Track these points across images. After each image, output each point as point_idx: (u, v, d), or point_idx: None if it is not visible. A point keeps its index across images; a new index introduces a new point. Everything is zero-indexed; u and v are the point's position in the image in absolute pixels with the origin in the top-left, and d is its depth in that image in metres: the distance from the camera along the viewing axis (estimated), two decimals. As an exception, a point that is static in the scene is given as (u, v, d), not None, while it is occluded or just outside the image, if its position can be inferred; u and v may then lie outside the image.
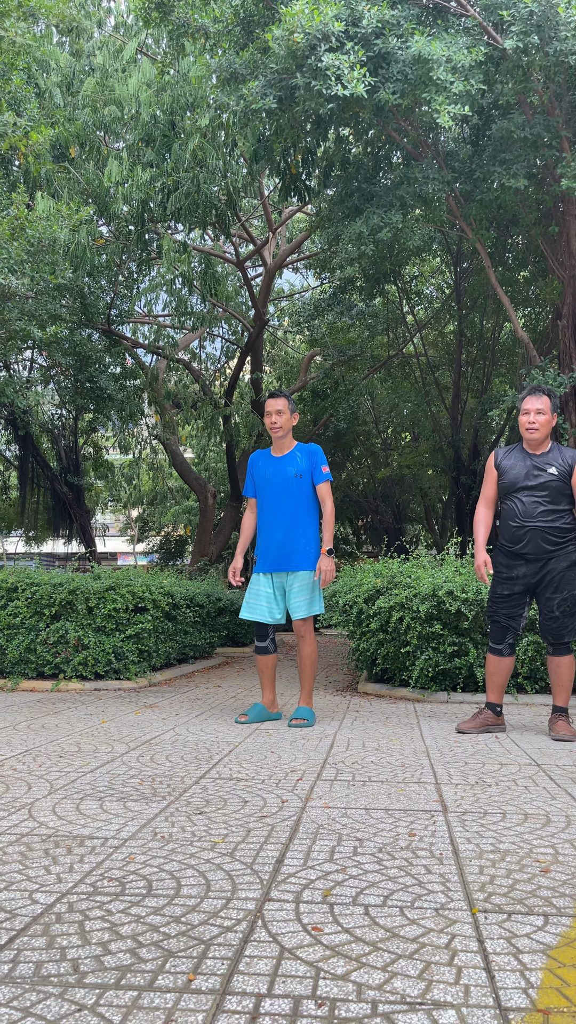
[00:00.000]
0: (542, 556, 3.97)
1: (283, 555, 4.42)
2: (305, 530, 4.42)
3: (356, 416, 14.28)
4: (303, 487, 4.44)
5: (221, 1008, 1.35)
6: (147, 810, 2.54)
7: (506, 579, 4.06)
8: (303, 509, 4.43)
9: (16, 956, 1.53)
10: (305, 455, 4.48)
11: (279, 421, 4.44)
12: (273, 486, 4.47)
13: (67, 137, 8.99)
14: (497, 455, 4.14)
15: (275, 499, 4.46)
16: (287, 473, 4.44)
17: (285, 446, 4.53)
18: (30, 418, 13.25)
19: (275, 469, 4.48)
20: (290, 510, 4.42)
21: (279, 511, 4.44)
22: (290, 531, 4.41)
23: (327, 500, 4.45)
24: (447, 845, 2.22)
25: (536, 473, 3.97)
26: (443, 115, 5.49)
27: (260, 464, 4.56)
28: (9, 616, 5.90)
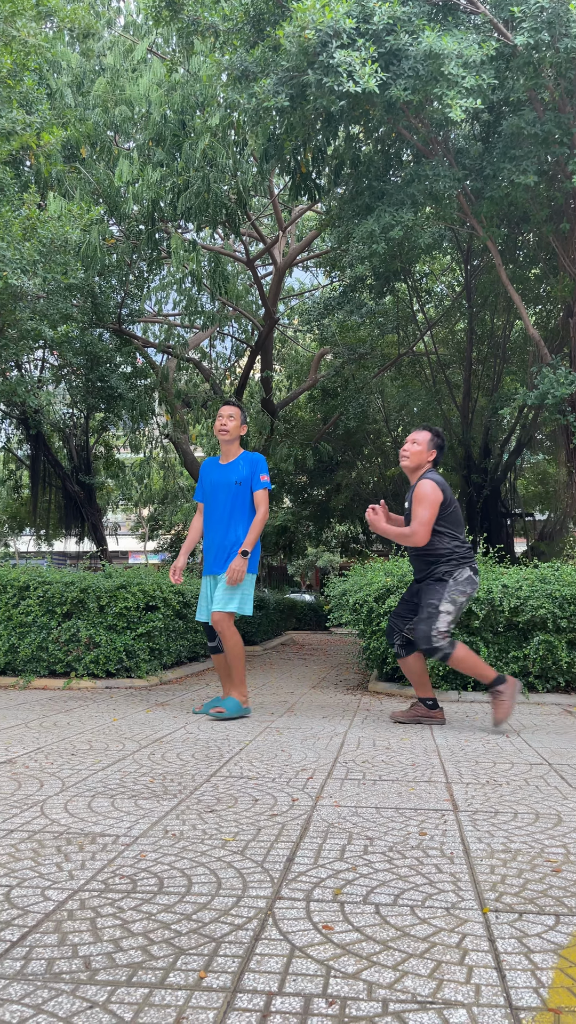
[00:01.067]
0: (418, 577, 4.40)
1: (218, 558, 4.60)
2: (238, 535, 4.58)
3: (366, 414, 14.26)
4: (241, 494, 4.61)
5: (232, 1006, 1.35)
6: (158, 808, 2.55)
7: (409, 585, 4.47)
8: (239, 515, 4.60)
9: (28, 953, 1.54)
10: (247, 463, 4.67)
11: (228, 425, 4.64)
12: (217, 492, 4.66)
13: (78, 137, 9.02)
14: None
15: (216, 505, 4.66)
16: (229, 480, 4.64)
17: (231, 453, 4.71)
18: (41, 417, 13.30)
19: (219, 476, 4.69)
20: (227, 515, 4.60)
21: (218, 516, 4.64)
22: (226, 535, 4.59)
23: (261, 506, 4.60)
24: (458, 844, 2.22)
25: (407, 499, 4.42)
26: (455, 109, 5.48)
27: (207, 471, 4.77)
28: (21, 614, 5.93)
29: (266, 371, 13.41)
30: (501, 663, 5.37)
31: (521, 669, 5.33)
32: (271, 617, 11.53)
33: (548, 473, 16.61)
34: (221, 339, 15.76)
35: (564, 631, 5.25)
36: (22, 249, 7.05)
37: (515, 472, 15.79)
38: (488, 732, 4.10)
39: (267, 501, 4.61)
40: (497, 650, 5.40)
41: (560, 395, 7.07)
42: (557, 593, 5.23)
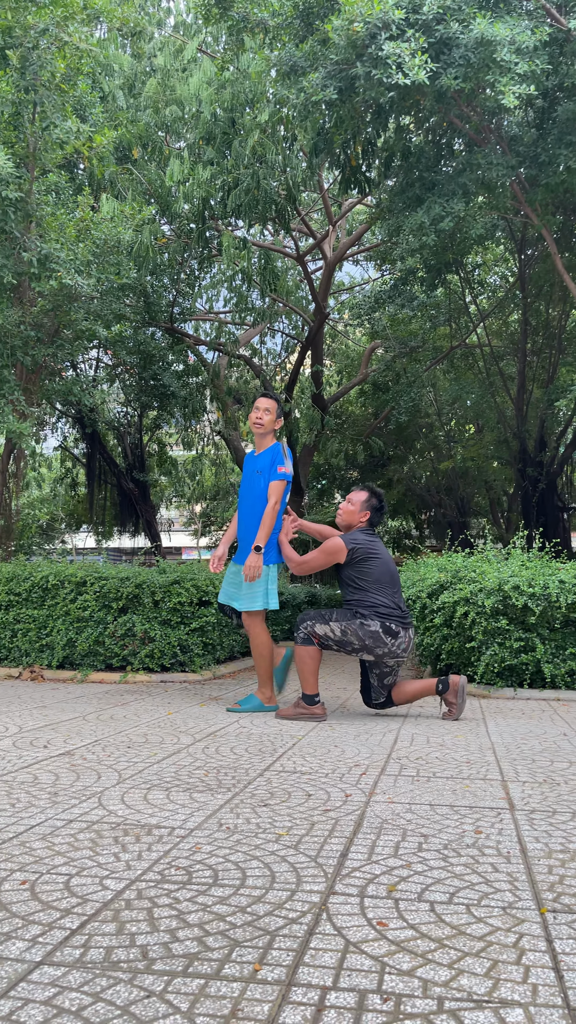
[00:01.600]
0: None
1: (242, 549, 4.64)
2: (255, 525, 4.59)
3: (418, 408, 14.13)
4: (259, 484, 4.63)
5: (287, 999, 1.36)
6: (212, 801, 2.57)
7: None
8: (258, 506, 4.61)
9: (87, 941, 1.57)
10: (269, 453, 4.67)
11: (264, 419, 4.65)
12: (245, 483, 4.72)
13: (130, 139, 9.13)
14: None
15: (243, 496, 4.71)
16: (253, 470, 4.68)
17: (262, 445, 4.72)
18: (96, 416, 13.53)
19: (249, 467, 4.72)
20: (249, 506, 4.64)
21: (243, 508, 4.68)
22: (248, 527, 4.62)
23: (271, 497, 4.54)
24: (514, 843, 2.19)
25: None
26: (508, 96, 5.38)
27: (245, 463, 4.81)
28: (79, 609, 6.05)
29: (316, 366, 13.40)
30: (559, 660, 5.27)
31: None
32: (323, 613, 11.51)
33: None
34: (271, 335, 15.79)
35: (624, 627, 5.13)
36: (76, 250, 7.18)
37: (572, 465, 15.45)
38: (544, 730, 4.03)
39: (279, 492, 4.48)
40: (554, 647, 5.30)
41: (618, 386, 6.89)
42: (616, 589, 5.10)
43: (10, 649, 6.26)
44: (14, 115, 7.07)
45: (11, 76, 6.96)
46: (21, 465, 8.39)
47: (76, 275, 7.06)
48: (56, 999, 1.35)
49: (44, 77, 7.10)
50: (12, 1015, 1.30)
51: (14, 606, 6.27)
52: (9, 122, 7.09)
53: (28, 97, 7.09)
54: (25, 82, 7.07)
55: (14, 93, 6.96)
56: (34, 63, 7.06)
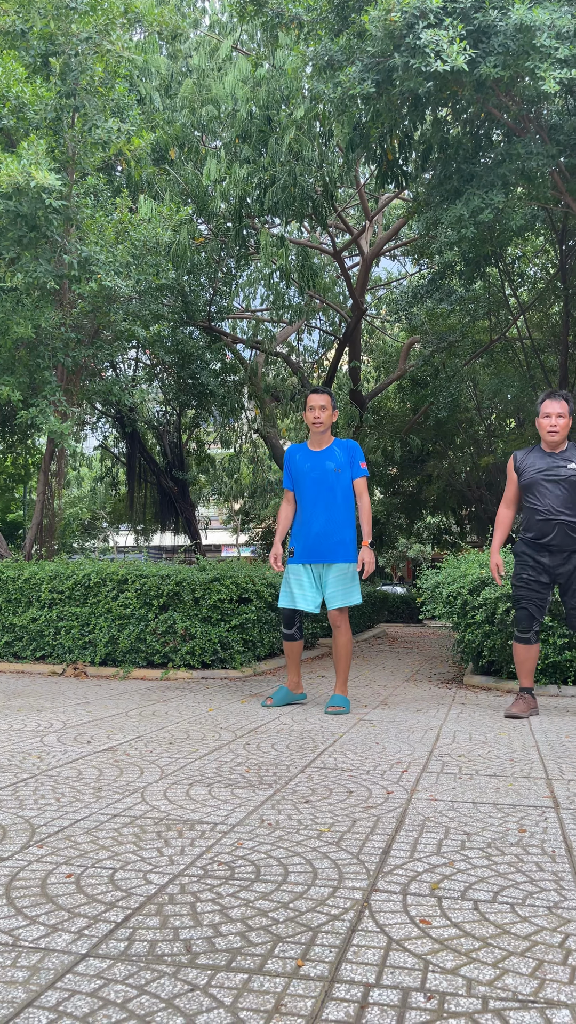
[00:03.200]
0: (567, 548, 4.22)
1: (322, 547, 4.53)
2: (343, 523, 4.52)
3: (457, 403, 13.99)
4: (341, 481, 4.55)
5: (330, 995, 1.36)
6: (254, 797, 2.58)
7: (532, 567, 4.29)
8: (341, 503, 4.53)
9: (132, 934, 1.59)
10: (344, 450, 4.60)
11: (321, 416, 4.57)
12: (312, 480, 4.58)
13: (166, 140, 9.19)
14: (516, 457, 4.43)
15: (314, 493, 4.57)
16: (326, 467, 4.56)
17: (324, 441, 4.64)
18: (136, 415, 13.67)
19: (314, 463, 4.60)
20: (328, 503, 4.53)
21: (318, 504, 4.55)
22: (329, 524, 4.52)
23: (363, 495, 4.56)
24: (559, 842, 2.16)
25: (558, 469, 4.24)
26: (548, 81, 5.29)
27: (298, 458, 4.69)
28: (120, 607, 6.12)
29: (354, 362, 13.35)
30: (603, 657, 5.18)
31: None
32: (363, 609, 11.50)
33: None
34: (308, 332, 15.77)
35: None
36: (115, 252, 7.25)
37: (616, 459, 15.13)
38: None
39: (367, 489, 4.56)
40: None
41: None
42: None
43: (54, 646, 6.35)
44: (55, 120, 7.17)
45: (53, 83, 7.06)
46: (62, 464, 8.51)
47: (115, 276, 7.13)
48: (102, 991, 1.37)
49: (84, 82, 7.19)
50: (59, 1006, 1.32)
51: (57, 604, 6.37)
52: (50, 127, 7.19)
53: (69, 102, 7.18)
54: (66, 87, 7.16)
55: (55, 99, 7.06)
56: (75, 69, 7.15)
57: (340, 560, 4.51)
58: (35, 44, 7.28)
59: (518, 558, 4.37)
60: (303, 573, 4.60)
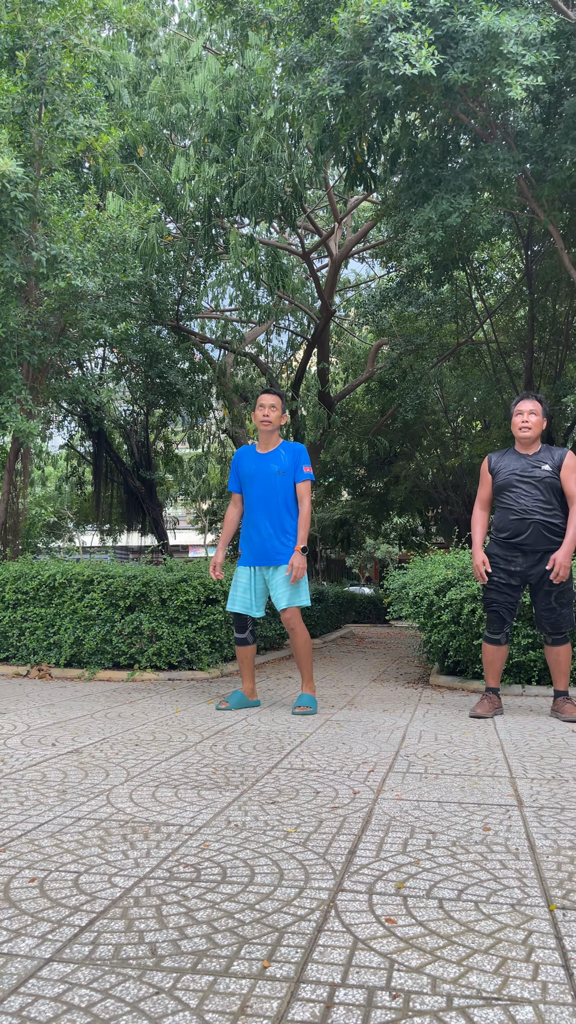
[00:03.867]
0: (539, 548, 4.24)
1: (266, 550, 4.51)
2: (288, 527, 4.51)
3: (424, 405, 14.09)
4: (286, 484, 4.52)
5: (296, 996, 1.36)
6: (220, 799, 2.58)
7: (504, 569, 4.31)
8: (282, 506, 4.51)
9: (96, 938, 1.58)
10: (289, 453, 4.57)
11: (271, 416, 4.54)
12: (257, 483, 4.55)
13: (135, 137, 9.13)
14: (491, 459, 4.46)
15: (259, 495, 4.54)
16: (271, 470, 4.54)
17: (271, 443, 4.61)
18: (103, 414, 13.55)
19: (259, 466, 4.57)
20: (273, 507, 4.51)
21: (263, 507, 4.53)
22: (274, 527, 4.51)
23: (304, 499, 4.53)
24: (523, 840, 2.18)
25: (531, 470, 4.27)
26: (515, 88, 5.35)
27: (245, 461, 4.66)
28: (86, 608, 6.06)
29: (322, 364, 13.38)
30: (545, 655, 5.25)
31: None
32: (330, 610, 11.53)
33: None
34: (277, 333, 15.78)
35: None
36: (83, 250, 7.18)
37: (579, 462, 15.36)
38: (553, 727, 4.02)
39: (310, 492, 4.53)
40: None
41: (626, 381, 6.86)
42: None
43: (18, 647, 6.27)
44: (21, 115, 7.08)
45: (19, 77, 6.97)
46: (27, 463, 8.40)
47: (83, 275, 7.06)
48: (66, 995, 1.35)
49: (51, 77, 7.11)
50: (22, 1011, 1.30)
51: (21, 604, 6.29)
52: (16, 122, 7.10)
53: (36, 97, 7.10)
54: (33, 82, 7.08)
55: (22, 93, 6.97)
56: (42, 64, 7.07)
57: (285, 562, 4.50)
58: (1, 38, 7.18)
59: (490, 559, 4.38)
60: (248, 576, 4.57)
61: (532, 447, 4.35)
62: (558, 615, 4.24)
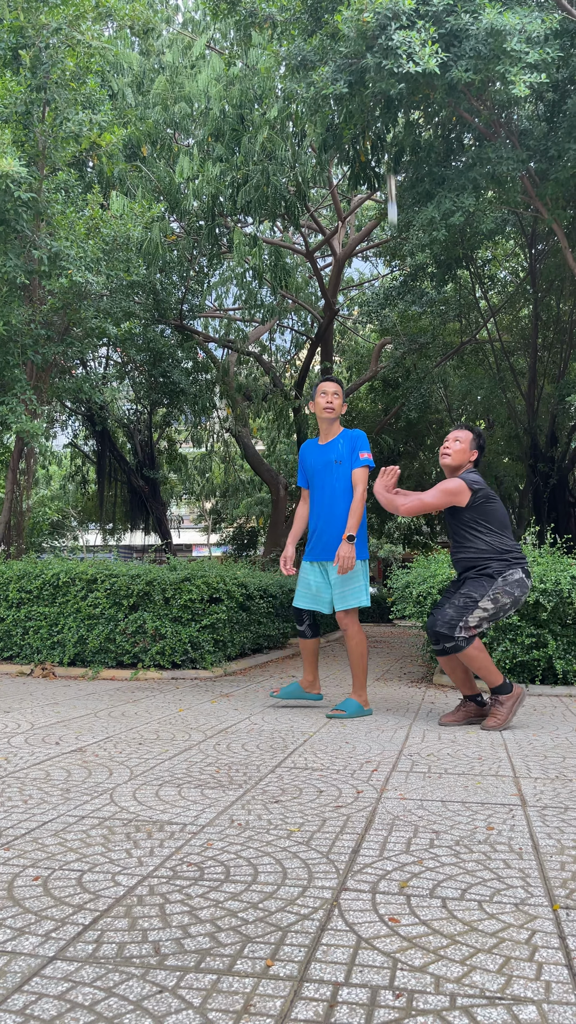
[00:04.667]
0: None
1: (324, 544, 4.37)
2: (343, 518, 4.34)
3: (428, 404, 14.08)
4: (342, 473, 4.37)
5: (299, 995, 1.36)
6: (224, 797, 2.58)
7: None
8: (340, 496, 4.35)
9: (100, 936, 1.58)
10: (347, 440, 4.41)
11: (334, 403, 4.40)
12: (319, 475, 4.43)
13: (139, 136, 9.13)
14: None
15: (320, 487, 4.42)
16: (329, 460, 4.40)
17: (331, 432, 4.46)
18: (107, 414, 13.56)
19: (319, 457, 4.45)
20: (329, 498, 4.37)
21: (322, 499, 4.40)
22: (329, 520, 4.36)
23: (358, 485, 4.34)
24: (527, 840, 2.18)
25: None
26: (518, 85, 5.34)
27: (309, 454, 4.53)
28: (89, 607, 6.07)
29: (326, 363, 13.38)
30: (571, 656, 5.25)
31: (591, 662, 5.20)
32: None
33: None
34: (281, 332, 15.78)
35: None
36: (86, 248, 7.19)
37: (583, 461, 15.35)
38: (556, 727, 4.01)
39: (366, 479, 4.33)
40: (566, 642, 5.28)
41: (630, 380, 6.85)
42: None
43: (22, 646, 6.28)
44: (24, 114, 7.09)
45: (23, 76, 6.98)
46: (31, 463, 8.42)
47: (86, 272, 7.07)
48: (69, 994, 1.35)
49: (55, 76, 7.11)
50: (26, 1009, 1.30)
51: (25, 603, 6.30)
52: (20, 121, 7.11)
53: (39, 96, 7.11)
54: (36, 81, 7.08)
55: (26, 92, 6.97)
56: (45, 62, 7.07)
57: (320, 558, 4.38)
58: (4, 37, 7.19)
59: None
60: (310, 571, 4.45)
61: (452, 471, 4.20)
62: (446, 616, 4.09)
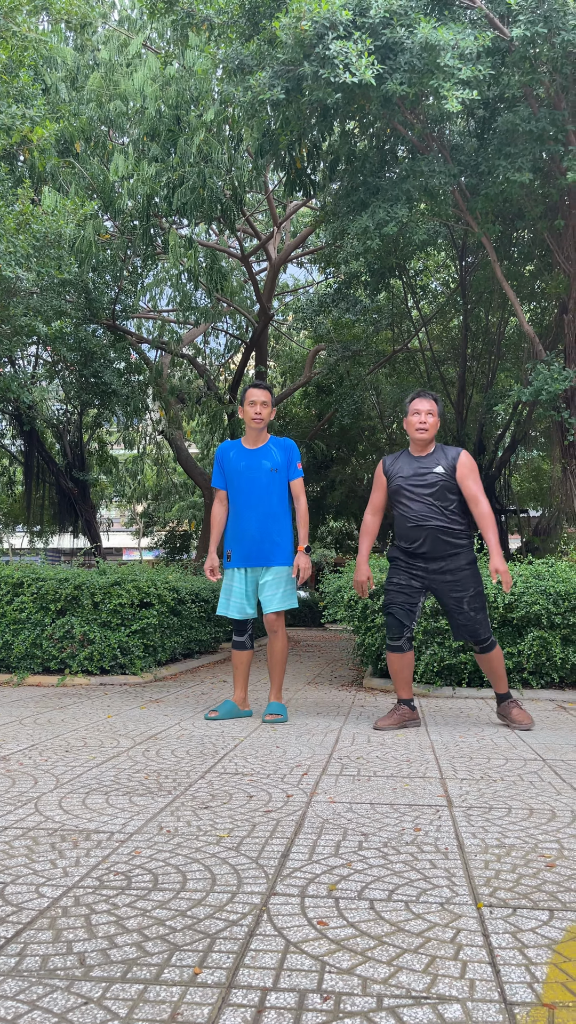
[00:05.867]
0: (440, 554, 4.07)
1: (259, 550, 4.33)
2: (281, 525, 4.34)
3: (361, 411, 14.25)
4: (278, 481, 4.35)
5: (227, 1002, 1.35)
6: (153, 804, 2.54)
7: (404, 570, 4.13)
8: (278, 504, 4.34)
9: (23, 949, 1.54)
10: (281, 449, 4.39)
11: (263, 413, 4.35)
12: (247, 479, 4.36)
13: (72, 132, 8.98)
14: (385, 462, 4.26)
15: (249, 493, 4.35)
16: (262, 466, 4.34)
17: (260, 439, 4.42)
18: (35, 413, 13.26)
19: (249, 462, 4.37)
20: (266, 505, 4.33)
21: (254, 505, 4.33)
22: (267, 526, 4.32)
23: (301, 497, 4.37)
24: (452, 840, 2.22)
25: (425, 474, 4.09)
26: (451, 100, 5.47)
27: (232, 455, 4.43)
28: (15, 611, 5.91)
29: (260, 367, 13.40)
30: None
31: (516, 665, 5.34)
32: (266, 613, 11.51)
33: (542, 469, 16.64)
34: (215, 335, 15.73)
35: (558, 627, 5.27)
36: (16, 242, 7.02)
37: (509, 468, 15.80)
38: (482, 728, 4.10)
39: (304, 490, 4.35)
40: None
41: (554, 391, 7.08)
42: (551, 589, 5.24)
43: (-57, 652, 6.08)
44: (-48, 103, 6.89)
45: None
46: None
47: (16, 268, 6.90)
48: (-11, 1011, 1.31)
49: (-16, 65, 6.93)
50: (-58, 1029, 1.26)
51: (-52, 607, 6.10)
52: (-54, 110, 6.90)
53: (-34, 85, 6.91)
54: (-37, 70, 6.89)
55: (-48, 80, 6.78)
56: (-27, 51, 6.89)
57: (277, 563, 4.32)
58: None
59: (392, 563, 4.20)
60: (239, 579, 4.39)
61: (427, 448, 4.15)
62: (475, 622, 4.05)
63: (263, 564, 4.34)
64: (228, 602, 4.40)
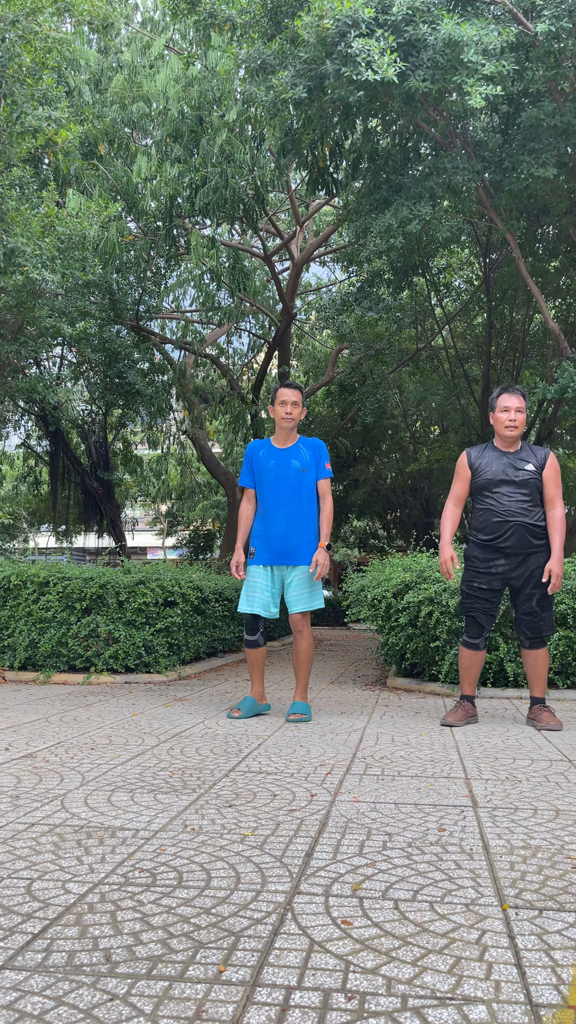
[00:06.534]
0: (522, 551, 4.09)
1: (286, 549, 4.34)
2: (309, 524, 4.35)
3: (384, 410, 14.21)
4: (307, 481, 4.36)
5: (251, 1000, 1.35)
6: (177, 802, 2.56)
7: (484, 573, 4.15)
8: (305, 504, 4.35)
9: (49, 945, 1.55)
10: (310, 449, 4.41)
11: (293, 413, 4.36)
12: (275, 478, 4.37)
13: (96, 134, 9.04)
14: (470, 455, 4.25)
15: (276, 492, 4.36)
16: (291, 466, 4.36)
17: (290, 438, 4.43)
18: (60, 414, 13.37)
19: (278, 461, 4.38)
20: (294, 504, 4.34)
21: (282, 504, 4.34)
22: (294, 525, 4.33)
23: (327, 496, 4.39)
24: (477, 840, 2.21)
25: (516, 470, 4.10)
26: (475, 96, 5.43)
27: (261, 454, 4.44)
28: (41, 610, 5.97)
29: (283, 367, 13.40)
30: (521, 659, 5.33)
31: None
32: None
33: (568, 468, 16.47)
34: (238, 335, 15.76)
35: (584, 627, 5.21)
36: (42, 245, 7.08)
37: (534, 467, 15.63)
38: (507, 728, 4.08)
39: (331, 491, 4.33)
40: (517, 645, 5.37)
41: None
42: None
43: (-29, 650, 6.15)
44: (-23, 108, 6.96)
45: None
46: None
47: (42, 270, 6.97)
48: (18, 1003, 1.33)
49: (11, 70, 7.00)
50: (-29, 1022, 1.27)
51: (-25, 606, 6.17)
52: (-28, 114, 6.98)
53: (-8, 89, 6.99)
54: (-11, 74, 6.96)
55: (-22, 85, 6.85)
56: (1, 56, 6.96)
57: (304, 563, 4.32)
58: (-41, 29, 7.05)
59: (469, 563, 4.21)
60: (263, 576, 4.38)
61: (515, 444, 4.17)
62: (539, 619, 4.10)
63: (289, 563, 4.35)
64: (252, 599, 4.38)
